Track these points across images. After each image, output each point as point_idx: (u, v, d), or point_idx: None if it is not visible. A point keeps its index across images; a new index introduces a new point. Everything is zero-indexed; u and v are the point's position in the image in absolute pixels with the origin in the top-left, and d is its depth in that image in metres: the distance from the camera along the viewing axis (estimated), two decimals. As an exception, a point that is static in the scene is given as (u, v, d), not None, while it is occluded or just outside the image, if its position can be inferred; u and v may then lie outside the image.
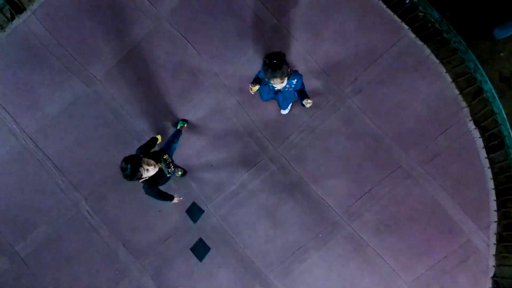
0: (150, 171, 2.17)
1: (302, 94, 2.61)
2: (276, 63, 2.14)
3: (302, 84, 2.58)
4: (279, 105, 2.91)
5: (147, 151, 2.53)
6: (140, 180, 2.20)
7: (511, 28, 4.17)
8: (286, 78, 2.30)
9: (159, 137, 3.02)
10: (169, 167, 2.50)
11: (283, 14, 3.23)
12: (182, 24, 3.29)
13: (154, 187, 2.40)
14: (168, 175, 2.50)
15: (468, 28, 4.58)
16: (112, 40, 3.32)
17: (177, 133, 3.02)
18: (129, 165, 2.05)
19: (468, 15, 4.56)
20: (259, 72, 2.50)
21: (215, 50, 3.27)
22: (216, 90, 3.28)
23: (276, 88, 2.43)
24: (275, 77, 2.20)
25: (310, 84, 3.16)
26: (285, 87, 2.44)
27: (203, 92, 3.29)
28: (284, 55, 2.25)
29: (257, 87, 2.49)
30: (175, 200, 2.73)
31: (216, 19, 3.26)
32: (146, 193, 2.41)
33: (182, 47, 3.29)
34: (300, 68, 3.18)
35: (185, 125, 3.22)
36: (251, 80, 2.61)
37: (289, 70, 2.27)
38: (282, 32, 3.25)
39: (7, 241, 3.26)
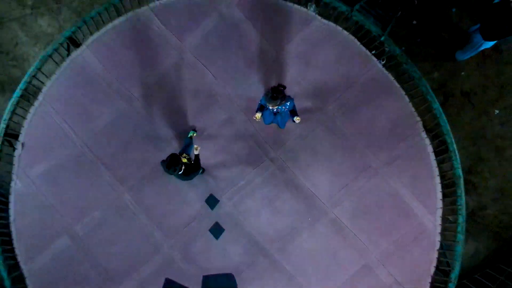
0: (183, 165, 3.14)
1: (293, 112, 3.56)
2: (275, 95, 3.09)
3: (294, 106, 3.53)
4: (278, 125, 3.86)
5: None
6: (179, 172, 3.14)
7: (469, 53, 5.17)
8: (282, 102, 3.25)
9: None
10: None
11: (281, 48, 4.18)
12: (203, 55, 4.23)
13: (187, 177, 3.34)
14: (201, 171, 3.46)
15: (436, 52, 5.55)
16: (147, 67, 4.26)
17: (190, 142, 3.93)
18: (173, 160, 3.02)
19: (436, 41, 5.54)
20: (261, 100, 3.45)
21: (228, 76, 4.22)
22: (228, 107, 4.22)
23: (274, 110, 3.37)
24: (275, 104, 3.15)
25: (302, 102, 4.11)
26: (281, 108, 3.39)
27: (218, 108, 4.23)
28: (283, 87, 3.20)
29: (260, 114, 3.44)
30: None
31: (229, 52, 4.21)
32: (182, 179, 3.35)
33: (202, 73, 4.23)
34: (294, 89, 4.13)
35: (195, 134, 4.15)
36: (256, 107, 3.55)
37: (284, 96, 3.22)
38: (280, 62, 4.19)
39: (68, 223, 4.20)
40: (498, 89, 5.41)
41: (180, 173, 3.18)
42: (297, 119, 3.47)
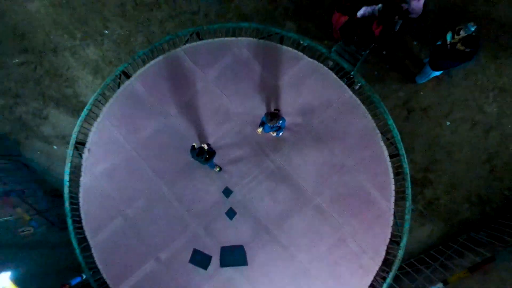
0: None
1: (281, 128, 5.07)
2: (271, 118, 4.58)
3: (284, 124, 5.02)
4: (275, 134, 5.36)
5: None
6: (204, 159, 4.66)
7: (424, 77, 6.67)
8: (278, 121, 4.74)
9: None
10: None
11: (279, 79, 5.67)
12: (220, 84, 5.73)
13: (206, 162, 4.85)
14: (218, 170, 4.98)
15: (401, 76, 7.04)
16: (179, 92, 5.75)
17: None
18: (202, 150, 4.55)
19: (401, 67, 7.02)
20: (262, 118, 4.94)
21: (239, 99, 5.71)
22: (239, 122, 5.70)
23: (271, 126, 4.86)
24: (272, 123, 4.64)
25: (294, 118, 5.58)
26: (277, 125, 4.88)
27: (232, 123, 5.72)
28: (278, 110, 4.68)
29: (261, 129, 4.93)
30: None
31: (240, 81, 5.70)
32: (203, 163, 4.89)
33: (220, 97, 5.73)
34: (288, 109, 5.61)
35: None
36: (259, 124, 5.05)
37: (278, 117, 4.71)
38: (278, 89, 5.68)
39: (121, 208, 5.69)
40: (449, 105, 6.91)
41: (203, 159, 4.72)
42: (280, 134, 5.00)
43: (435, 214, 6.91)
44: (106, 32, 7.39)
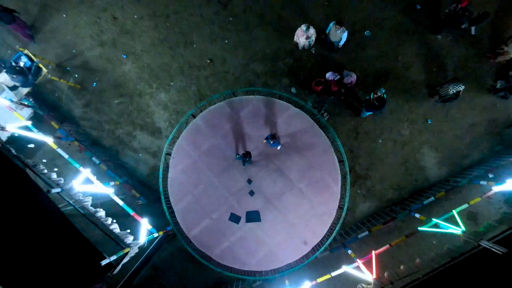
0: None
1: (279, 144, 9.65)
2: (273, 137, 9.15)
3: (279, 141, 9.59)
4: (276, 146, 9.94)
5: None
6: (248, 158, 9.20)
7: (364, 114, 11.25)
8: (275, 140, 9.29)
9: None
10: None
11: (277, 119, 10.23)
12: (246, 121, 10.29)
13: (248, 162, 9.41)
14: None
15: (352, 112, 11.61)
16: (222, 125, 10.32)
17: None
18: (247, 154, 9.10)
19: (352, 107, 11.59)
20: (266, 137, 9.49)
21: (255, 128, 10.25)
22: (256, 141, 10.25)
23: (272, 142, 9.40)
24: (273, 139, 9.20)
25: (284, 139, 10.14)
26: (275, 143, 9.44)
27: (252, 142, 10.27)
28: (276, 134, 9.26)
29: (265, 141, 9.52)
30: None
31: (256, 120, 10.26)
32: (247, 162, 9.43)
33: (246, 128, 10.29)
34: (282, 134, 10.15)
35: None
36: (264, 138, 9.65)
37: (276, 138, 9.26)
38: (277, 124, 10.23)
39: (190, 190, 10.25)
40: (380, 130, 11.44)
41: (247, 158, 9.26)
42: (278, 148, 9.58)
43: (372, 196, 11.45)
44: (172, 84, 11.99)
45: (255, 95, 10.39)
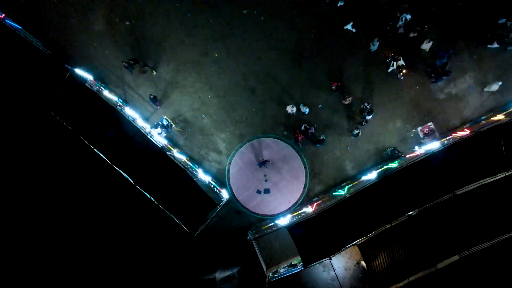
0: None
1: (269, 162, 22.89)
2: (265, 161, 22.30)
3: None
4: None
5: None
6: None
7: (319, 145, 24.69)
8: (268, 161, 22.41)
9: None
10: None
11: (275, 151, 23.36)
12: (262, 152, 23.41)
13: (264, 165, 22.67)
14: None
15: (313, 144, 25.07)
16: (254, 151, 23.47)
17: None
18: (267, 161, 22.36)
19: (313, 143, 25.10)
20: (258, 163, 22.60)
21: (267, 153, 23.37)
22: (267, 157, 23.40)
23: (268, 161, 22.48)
24: (266, 162, 22.32)
25: (277, 160, 23.24)
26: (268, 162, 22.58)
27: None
28: (266, 161, 22.41)
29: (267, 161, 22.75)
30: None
31: (266, 151, 23.39)
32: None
33: (262, 156, 23.43)
34: (273, 159, 23.26)
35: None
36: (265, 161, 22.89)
37: (267, 161, 22.38)
38: (275, 151, 23.35)
39: (239, 179, 23.47)
40: (325, 152, 24.59)
41: (265, 164, 22.45)
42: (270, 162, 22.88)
43: (321, 182, 24.67)
44: (227, 129, 25.16)
45: (263, 138, 23.54)
